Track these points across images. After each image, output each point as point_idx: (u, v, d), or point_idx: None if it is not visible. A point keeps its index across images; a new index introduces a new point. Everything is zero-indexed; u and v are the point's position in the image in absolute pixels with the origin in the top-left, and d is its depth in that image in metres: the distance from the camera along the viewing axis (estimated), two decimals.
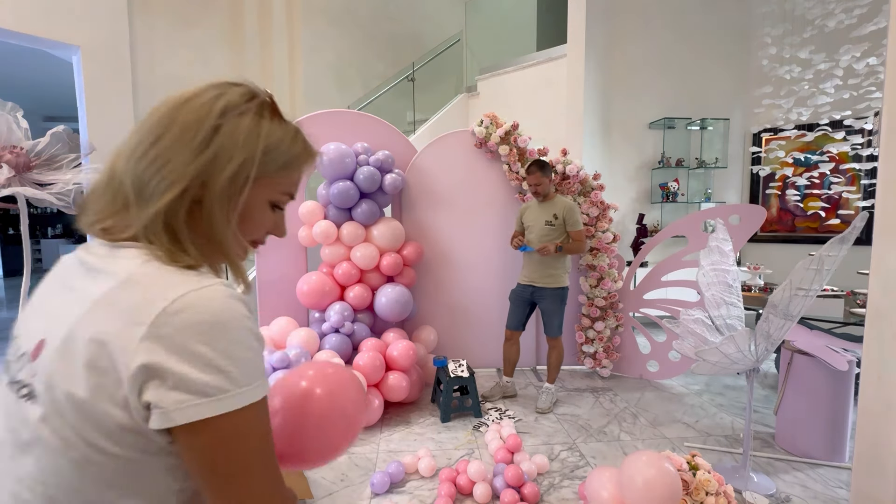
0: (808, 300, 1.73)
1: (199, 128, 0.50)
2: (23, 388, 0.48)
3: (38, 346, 0.48)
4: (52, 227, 10.15)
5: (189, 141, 0.50)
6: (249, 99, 0.54)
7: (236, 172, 0.51)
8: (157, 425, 0.43)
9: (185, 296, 0.45)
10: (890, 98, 1.41)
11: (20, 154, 1.35)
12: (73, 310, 0.46)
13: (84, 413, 0.44)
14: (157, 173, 0.49)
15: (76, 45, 3.46)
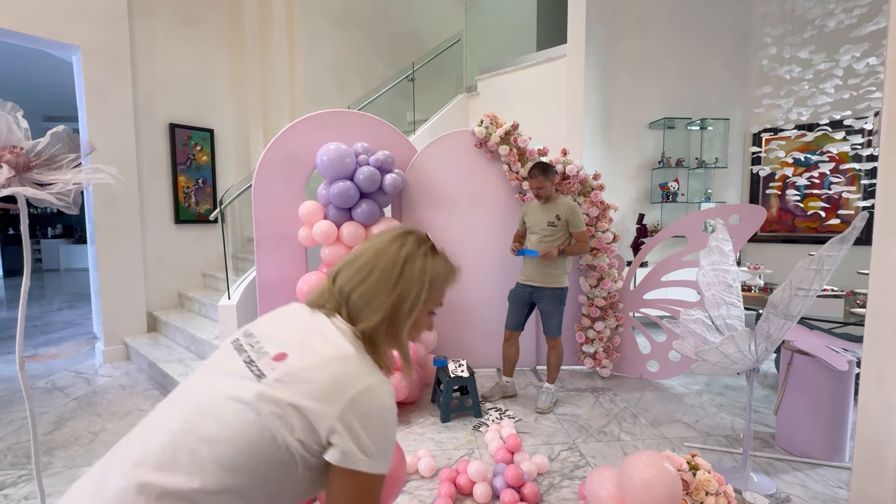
0: (808, 300, 1.73)
1: (391, 273, 0.77)
2: (257, 370, 0.70)
3: (280, 356, 0.71)
4: (52, 227, 10.15)
5: (385, 283, 0.76)
6: (419, 245, 0.81)
7: (414, 301, 0.78)
8: (331, 459, 0.66)
9: (371, 386, 0.69)
10: (890, 98, 1.41)
11: (20, 154, 1.35)
12: (309, 354, 0.71)
13: (286, 414, 0.65)
14: (367, 306, 0.77)
15: (76, 45, 3.46)
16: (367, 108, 4.02)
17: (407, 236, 0.82)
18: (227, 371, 0.73)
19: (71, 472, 2.16)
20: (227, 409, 0.67)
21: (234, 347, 0.76)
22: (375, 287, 0.76)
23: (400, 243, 0.80)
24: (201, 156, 4.41)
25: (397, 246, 0.79)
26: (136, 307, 3.92)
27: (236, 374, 0.71)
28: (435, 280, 0.81)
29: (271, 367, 0.70)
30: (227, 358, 0.75)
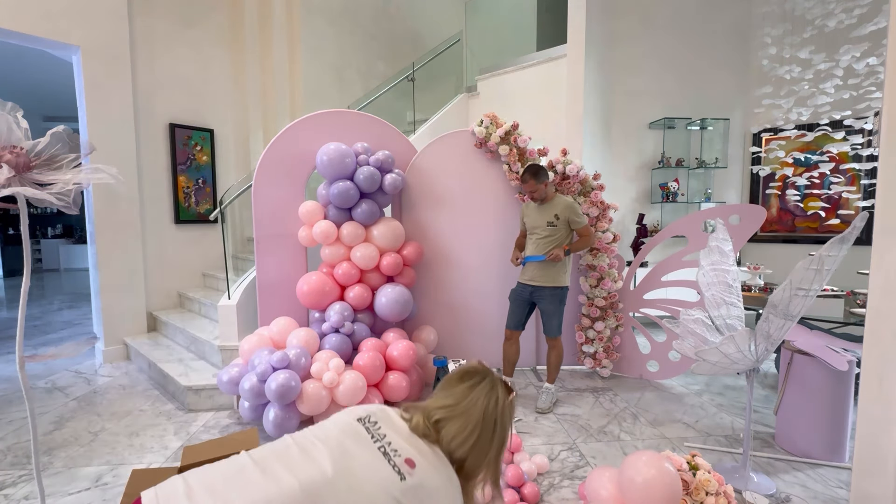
0: (808, 300, 1.73)
1: (493, 428, 0.87)
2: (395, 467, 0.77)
3: (410, 462, 0.79)
4: (52, 227, 10.15)
5: (490, 439, 0.87)
6: (508, 392, 0.93)
7: (503, 442, 0.90)
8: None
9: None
10: (890, 98, 1.41)
11: (20, 154, 1.35)
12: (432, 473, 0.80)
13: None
14: (477, 460, 0.86)
15: (76, 45, 3.46)
16: (367, 108, 4.02)
17: (495, 388, 0.91)
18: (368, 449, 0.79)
19: (71, 471, 2.16)
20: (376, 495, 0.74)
21: (361, 425, 0.84)
22: (483, 445, 0.87)
23: (495, 399, 0.89)
24: (201, 156, 4.41)
25: (494, 402, 0.89)
26: (136, 307, 3.92)
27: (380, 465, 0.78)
28: (512, 418, 0.94)
29: (408, 472, 0.78)
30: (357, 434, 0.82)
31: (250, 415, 2.47)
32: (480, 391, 0.90)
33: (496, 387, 0.92)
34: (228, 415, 2.76)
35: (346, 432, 0.82)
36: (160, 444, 2.42)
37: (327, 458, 0.75)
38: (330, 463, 0.74)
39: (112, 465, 2.21)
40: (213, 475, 0.77)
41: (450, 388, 0.93)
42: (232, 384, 2.51)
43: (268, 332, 2.76)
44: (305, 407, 2.39)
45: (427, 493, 0.77)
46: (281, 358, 2.39)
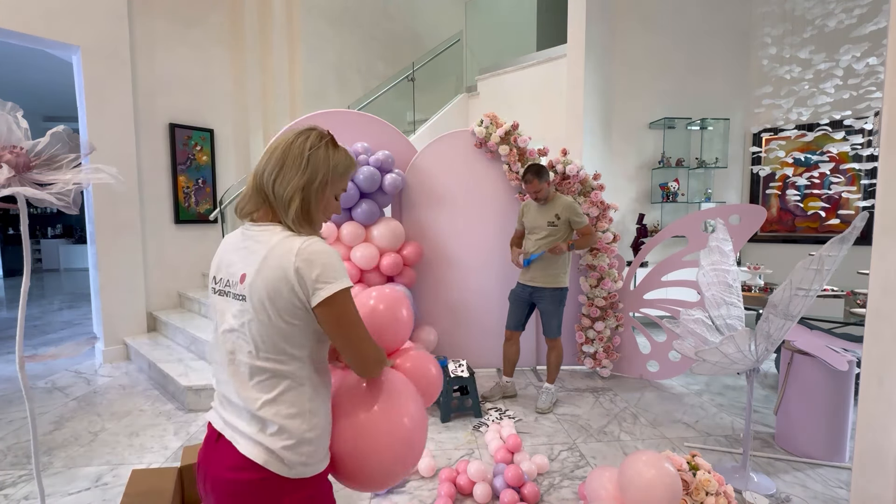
0: (808, 300, 1.73)
1: (300, 160, 0.91)
2: (240, 296, 0.89)
3: (243, 277, 0.88)
4: (52, 227, 10.15)
5: (296, 168, 0.90)
6: (321, 139, 0.94)
7: (321, 182, 0.92)
8: (313, 303, 0.84)
9: (303, 244, 0.86)
10: (890, 98, 1.41)
11: (20, 154, 1.35)
12: (254, 257, 0.88)
13: (274, 305, 0.84)
14: (285, 190, 0.90)
15: (76, 45, 3.46)
16: (367, 108, 4.03)
17: (310, 131, 0.95)
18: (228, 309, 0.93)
19: (71, 471, 2.16)
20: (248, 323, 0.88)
21: (216, 294, 0.96)
22: (289, 175, 0.90)
23: (304, 136, 0.93)
24: (201, 156, 4.41)
25: (303, 139, 0.92)
26: (136, 307, 3.92)
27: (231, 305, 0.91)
28: (337, 166, 0.94)
29: (243, 288, 0.88)
30: (219, 304, 0.95)
31: None
32: (295, 133, 0.95)
33: (312, 130, 0.95)
34: None
35: (213, 311, 0.98)
36: (160, 444, 2.42)
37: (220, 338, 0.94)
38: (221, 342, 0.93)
39: (112, 465, 2.21)
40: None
41: None
42: None
43: None
44: None
45: (258, 281, 0.86)
46: None
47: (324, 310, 0.85)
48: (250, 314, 0.87)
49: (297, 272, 0.84)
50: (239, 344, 0.90)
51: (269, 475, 0.85)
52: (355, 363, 0.92)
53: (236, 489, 0.87)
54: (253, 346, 0.88)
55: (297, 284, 0.84)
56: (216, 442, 0.92)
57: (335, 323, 0.87)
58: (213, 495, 0.91)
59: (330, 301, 0.84)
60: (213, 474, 0.90)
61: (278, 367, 0.88)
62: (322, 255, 0.85)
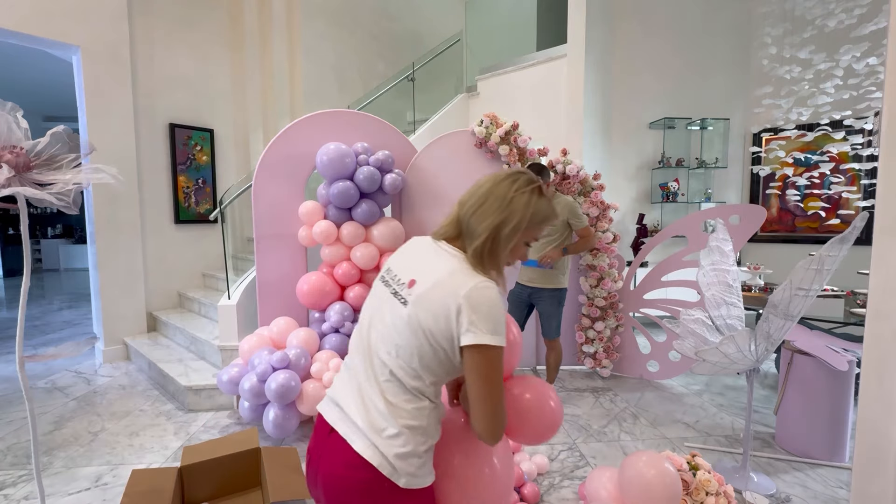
0: (808, 300, 1.73)
1: (501, 201, 0.93)
2: (402, 300, 0.92)
3: (412, 282, 0.92)
4: (52, 227, 10.15)
5: (495, 208, 0.93)
6: (528, 184, 0.96)
7: (515, 226, 0.93)
8: (463, 342, 0.85)
9: (476, 286, 0.87)
10: (890, 98, 1.41)
11: (20, 154, 1.35)
12: (431, 273, 0.91)
13: (428, 326, 0.87)
14: (479, 225, 0.93)
15: (76, 45, 3.46)
16: (367, 108, 4.02)
17: (521, 174, 0.98)
18: (380, 298, 0.98)
19: (71, 471, 2.16)
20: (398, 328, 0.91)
21: (382, 283, 1.00)
22: (487, 211, 0.93)
23: (513, 179, 0.96)
24: (201, 156, 4.41)
25: (510, 181, 0.96)
26: (136, 307, 3.92)
27: (392, 303, 0.95)
28: (536, 214, 0.95)
29: (408, 294, 0.92)
30: (381, 293, 0.99)
31: (250, 415, 2.47)
32: (506, 174, 0.98)
33: (523, 175, 0.98)
34: (228, 415, 2.76)
35: (372, 296, 1.01)
36: (160, 444, 2.42)
37: (368, 334, 0.97)
38: (371, 336, 0.96)
39: (112, 465, 2.22)
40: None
41: None
42: (232, 384, 2.51)
43: (268, 332, 2.76)
44: (305, 407, 2.39)
45: (427, 297, 0.89)
46: (281, 358, 2.39)
47: (469, 353, 0.86)
48: (403, 321, 0.90)
49: (459, 309, 0.85)
50: (385, 342, 0.93)
51: (382, 477, 0.87)
52: (477, 421, 0.89)
53: (350, 486, 0.89)
54: (395, 351, 0.91)
55: (455, 320, 0.86)
56: (328, 436, 0.94)
57: (475, 372, 0.86)
58: (323, 490, 0.93)
59: (477, 349, 0.85)
60: (325, 470, 0.93)
61: (408, 379, 0.90)
62: (488, 304, 0.86)
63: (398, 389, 0.91)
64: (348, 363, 1.02)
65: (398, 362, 0.91)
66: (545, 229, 1.00)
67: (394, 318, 0.92)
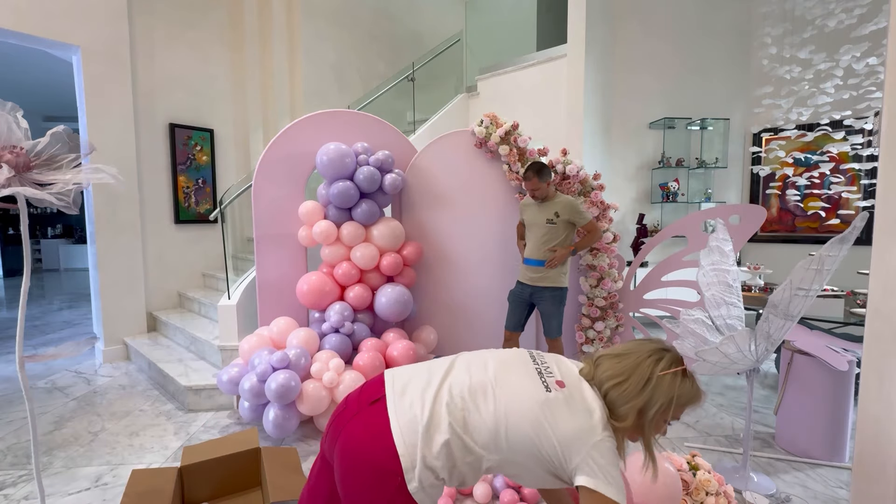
0: (808, 300, 1.73)
1: (645, 381, 0.94)
2: (546, 385, 0.95)
3: (560, 384, 0.96)
4: (52, 227, 10.15)
5: (639, 387, 0.94)
6: (673, 364, 0.96)
7: (659, 410, 0.94)
8: (580, 482, 0.88)
9: (605, 438, 0.90)
10: (890, 98, 1.41)
11: (20, 154, 1.35)
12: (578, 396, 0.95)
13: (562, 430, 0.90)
14: (625, 403, 0.94)
15: (76, 45, 3.46)
16: (367, 108, 4.02)
17: (664, 353, 0.98)
18: (526, 369, 1.00)
19: (71, 471, 2.16)
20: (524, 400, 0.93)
21: (529, 356, 1.04)
22: (629, 392, 0.94)
23: (657, 358, 0.97)
24: (201, 156, 4.41)
25: (654, 360, 0.96)
26: (136, 307, 3.92)
27: (532, 380, 0.97)
28: (680, 398, 0.95)
29: (555, 388, 0.94)
30: (522, 359, 1.02)
31: (250, 415, 2.47)
32: (651, 350, 0.98)
33: (667, 353, 0.98)
34: (228, 415, 2.76)
35: (514, 355, 1.04)
36: (160, 444, 2.42)
37: (493, 368, 0.99)
38: (493, 371, 0.98)
39: (112, 465, 2.22)
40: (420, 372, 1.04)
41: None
42: (232, 384, 2.51)
43: (268, 332, 2.76)
44: (305, 407, 2.39)
45: (565, 409, 0.91)
46: (281, 358, 2.39)
47: (585, 493, 0.88)
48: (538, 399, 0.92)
49: (591, 450, 0.88)
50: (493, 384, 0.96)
51: (398, 467, 0.88)
52: None
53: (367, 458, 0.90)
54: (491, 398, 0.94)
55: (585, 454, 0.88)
56: (375, 403, 0.96)
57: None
58: (340, 448, 0.94)
59: (596, 495, 0.87)
60: (353, 430, 0.94)
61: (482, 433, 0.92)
62: (613, 460, 0.89)
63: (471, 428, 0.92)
64: (441, 364, 1.03)
65: (497, 419, 0.92)
66: (686, 410, 0.99)
67: (523, 389, 0.95)
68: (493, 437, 0.91)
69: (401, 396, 0.96)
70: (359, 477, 0.91)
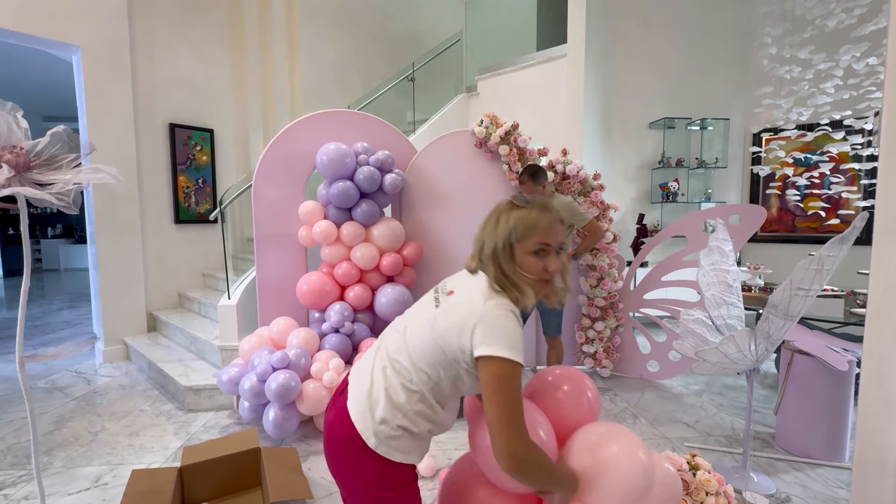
0: (808, 300, 1.73)
1: (493, 227, 1.03)
2: (437, 302, 1.03)
3: (451, 292, 1.03)
4: (52, 227, 10.15)
5: (490, 238, 1.03)
6: (507, 204, 1.05)
7: (504, 242, 1.01)
8: (476, 353, 0.91)
9: (492, 306, 0.95)
10: (890, 98, 1.41)
11: (20, 154, 1.35)
12: (464, 291, 1.01)
13: (447, 330, 0.96)
14: (487, 258, 1.02)
15: (76, 45, 3.46)
16: (367, 108, 4.02)
17: (502, 203, 1.07)
18: (424, 301, 1.10)
19: (71, 471, 2.16)
20: (422, 326, 1.02)
21: (433, 290, 1.11)
22: (487, 245, 1.03)
23: (496, 208, 1.07)
24: (201, 156, 4.41)
25: (494, 212, 1.06)
26: (136, 307, 3.92)
27: (428, 302, 1.07)
28: (515, 228, 1.01)
29: (444, 300, 1.02)
30: (427, 297, 1.10)
31: (250, 415, 2.47)
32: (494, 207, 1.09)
33: (505, 202, 1.07)
34: (228, 415, 2.76)
35: (419, 303, 1.12)
36: (160, 444, 2.42)
37: (405, 317, 1.10)
38: (405, 320, 1.09)
39: (112, 465, 2.22)
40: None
41: None
42: (232, 384, 2.51)
43: (268, 332, 2.76)
44: (305, 407, 2.39)
45: (456, 306, 0.98)
46: (281, 358, 2.39)
47: (481, 365, 0.92)
48: (429, 321, 1.01)
49: (475, 325, 0.93)
50: (403, 331, 1.05)
51: (356, 434, 0.99)
52: (492, 441, 0.90)
53: (336, 437, 1.03)
54: (404, 343, 1.02)
55: (471, 333, 0.93)
56: (340, 395, 1.08)
57: (487, 386, 0.90)
58: (324, 437, 1.08)
59: (489, 361, 0.90)
60: (329, 419, 1.07)
61: (410, 373, 1.00)
62: (498, 321, 0.93)
63: (399, 380, 1.01)
64: (379, 341, 1.13)
65: (406, 356, 1.01)
66: (541, 234, 1.02)
67: (420, 317, 1.04)
68: (417, 372, 0.99)
69: (355, 378, 1.08)
70: (336, 458, 1.04)
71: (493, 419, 0.89)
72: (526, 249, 1.01)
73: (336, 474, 1.06)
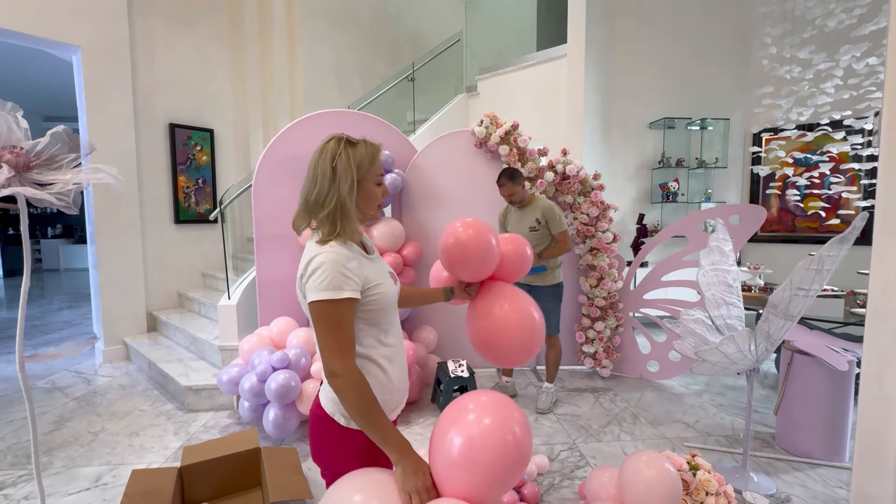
0: (808, 300, 1.73)
1: (326, 172, 1.02)
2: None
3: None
4: (52, 227, 10.15)
5: (327, 181, 1.01)
6: (337, 144, 1.04)
7: (351, 185, 1.02)
8: (309, 299, 0.97)
9: (314, 256, 0.98)
10: (890, 98, 1.41)
11: (20, 154, 1.35)
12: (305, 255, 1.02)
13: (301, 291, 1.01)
14: (323, 200, 1.01)
15: (76, 45, 3.46)
16: (367, 108, 4.02)
17: (328, 142, 1.05)
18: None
19: (71, 471, 2.16)
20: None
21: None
22: (323, 188, 1.01)
23: (323, 150, 1.04)
24: (201, 156, 4.41)
25: (324, 154, 1.03)
26: (136, 307, 3.92)
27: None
28: (359, 161, 1.03)
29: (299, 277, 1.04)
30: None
31: (250, 415, 2.47)
32: (315, 151, 1.06)
33: (330, 140, 1.05)
34: (228, 415, 2.76)
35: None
36: (160, 444, 2.42)
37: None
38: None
39: (112, 465, 2.22)
40: None
41: None
42: (232, 384, 2.51)
43: (268, 332, 2.76)
44: (305, 407, 2.39)
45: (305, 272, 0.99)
46: (281, 358, 2.39)
47: (313, 310, 0.97)
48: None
49: (302, 276, 0.99)
50: None
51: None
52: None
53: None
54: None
55: (303, 285, 0.99)
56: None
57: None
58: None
59: (312, 305, 0.97)
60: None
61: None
62: (322, 267, 0.96)
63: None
64: None
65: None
66: (379, 164, 1.08)
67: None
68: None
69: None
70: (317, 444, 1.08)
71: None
72: (370, 181, 1.06)
73: (320, 461, 1.10)
